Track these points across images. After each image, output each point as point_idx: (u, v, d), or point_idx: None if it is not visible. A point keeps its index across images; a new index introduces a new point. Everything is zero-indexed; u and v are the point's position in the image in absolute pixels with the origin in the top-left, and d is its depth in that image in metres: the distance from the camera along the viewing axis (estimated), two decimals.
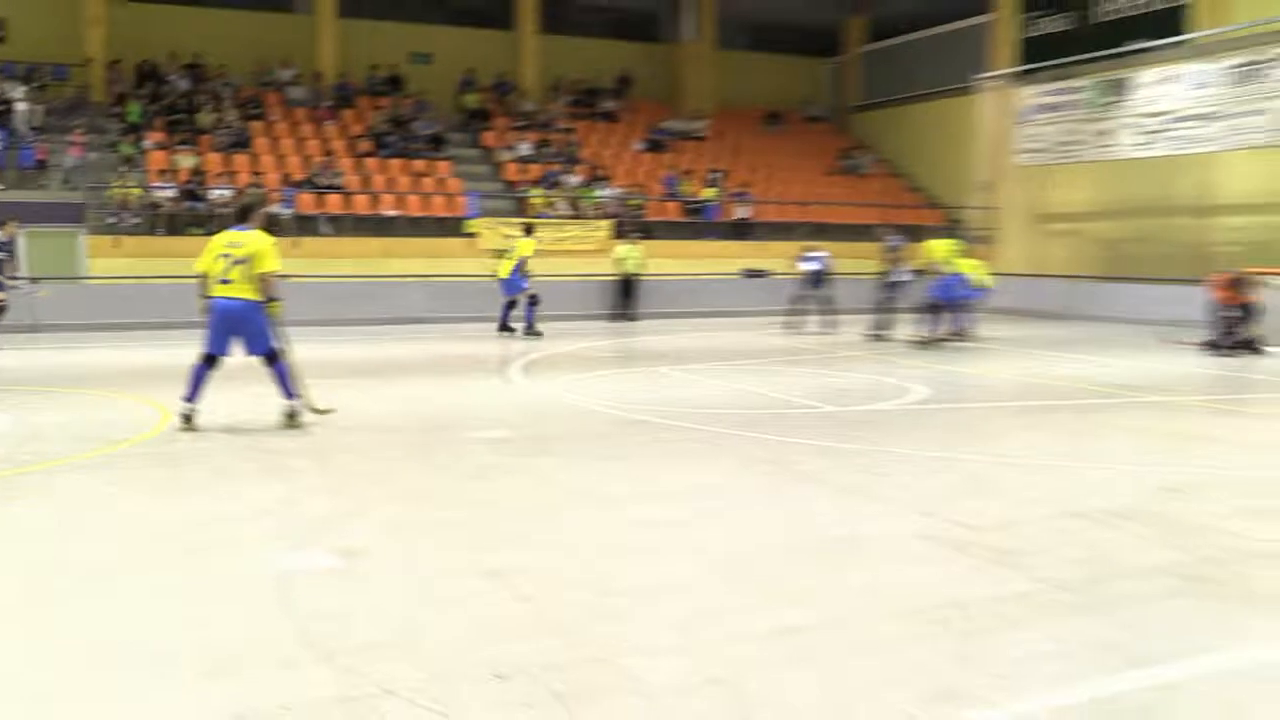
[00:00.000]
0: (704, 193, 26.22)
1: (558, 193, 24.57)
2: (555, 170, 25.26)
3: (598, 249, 22.63)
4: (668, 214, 25.68)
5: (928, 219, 28.00)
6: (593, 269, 21.61)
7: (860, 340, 17.37)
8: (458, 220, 22.82)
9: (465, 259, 22.07)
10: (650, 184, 26.59)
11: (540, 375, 13.32)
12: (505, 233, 21.54)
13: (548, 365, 14.46)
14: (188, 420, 8.96)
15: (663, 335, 18.93)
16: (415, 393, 11.62)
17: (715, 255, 24.45)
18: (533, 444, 8.82)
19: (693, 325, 20.71)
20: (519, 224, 19.99)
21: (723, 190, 26.56)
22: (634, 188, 26.03)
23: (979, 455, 8.37)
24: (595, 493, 7.13)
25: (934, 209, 28.72)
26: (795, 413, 10.50)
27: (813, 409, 10.69)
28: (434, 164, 24.62)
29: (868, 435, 9.23)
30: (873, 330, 17.74)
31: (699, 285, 23.00)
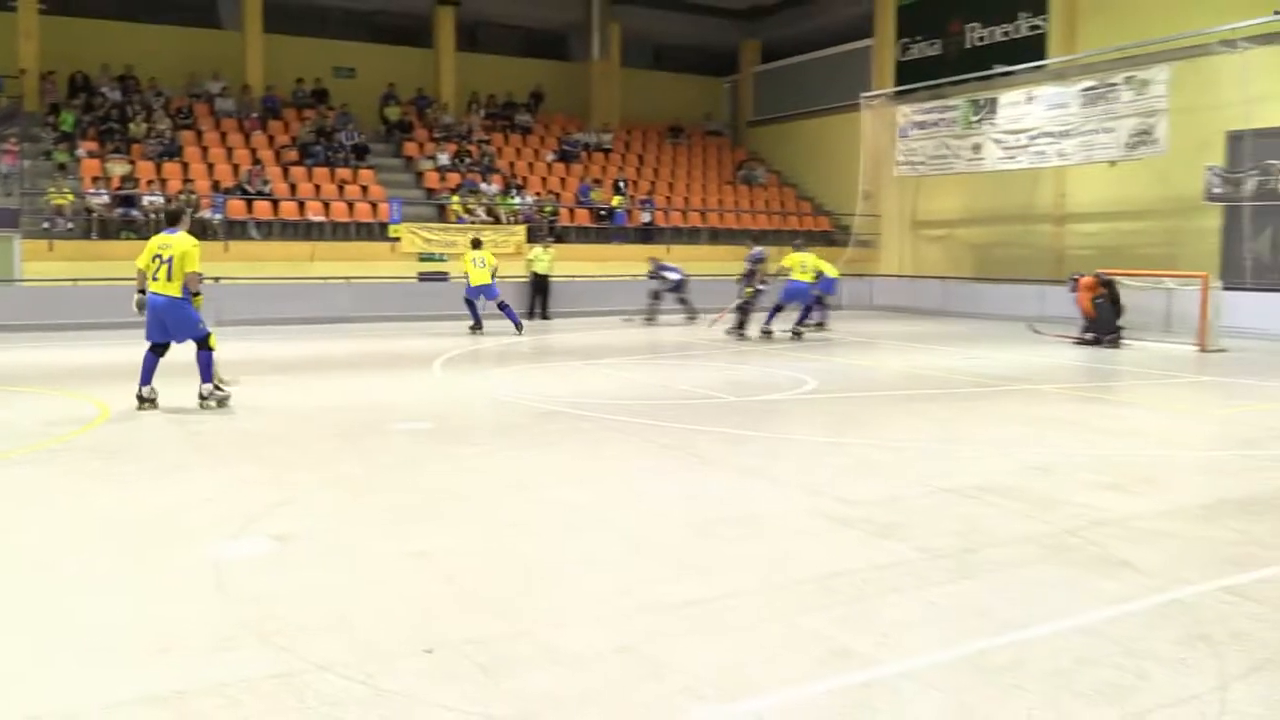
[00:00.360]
0: (612, 200, 26.26)
1: (475, 200, 24.38)
2: (472, 180, 25.04)
3: (514, 252, 22.54)
4: (579, 220, 25.67)
5: (815, 226, 28.55)
6: (510, 271, 21.48)
7: (724, 337, 17.45)
8: (381, 225, 22.53)
9: (388, 262, 21.86)
10: (562, 192, 26.54)
11: (461, 370, 13.23)
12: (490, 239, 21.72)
13: (468, 361, 14.37)
14: (142, 401, 9.52)
15: (575, 333, 18.93)
16: (343, 387, 11.45)
17: (623, 258, 24.51)
18: (455, 434, 8.78)
19: (603, 323, 20.76)
20: (471, 238, 20.21)
21: (628, 198, 26.64)
22: (548, 195, 25.96)
23: (864, 440, 8.55)
24: (514, 478, 7.12)
25: (822, 216, 29.18)
26: (698, 403, 10.58)
27: (715, 399, 10.79)
28: (358, 172, 24.22)
29: (764, 423, 9.37)
30: (735, 328, 17.65)
31: (608, 286, 23.04)
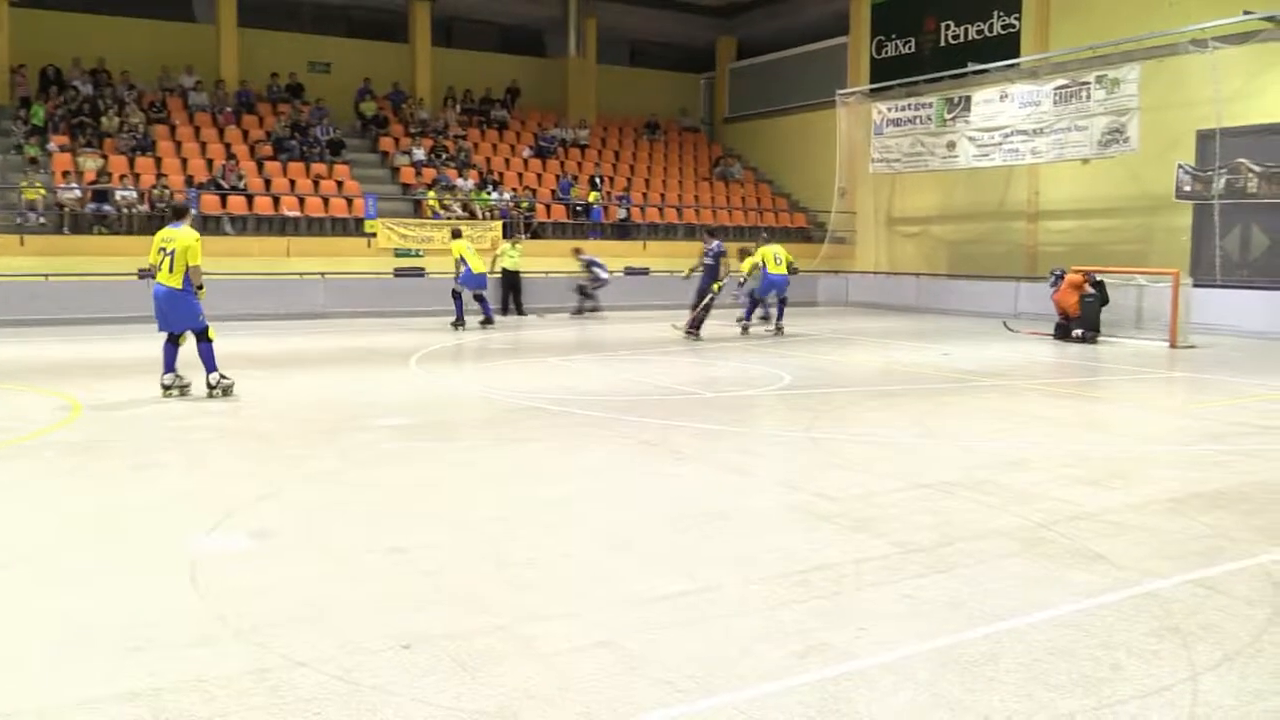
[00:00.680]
0: (588, 197, 26.22)
1: (451, 196, 24.28)
2: (447, 175, 24.93)
3: (490, 248, 22.45)
4: (555, 216, 25.62)
5: (792, 222, 28.64)
6: (488, 267, 21.40)
7: (686, 337, 16.53)
8: (357, 221, 22.42)
9: (364, 258, 21.75)
10: (539, 188, 26.48)
11: (439, 366, 13.18)
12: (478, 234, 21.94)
13: (445, 356, 14.32)
14: (166, 389, 9.87)
15: (552, 329, 18.91)
16: (320, 383, 11.39)
17: (600, 254, 24.48)
18: (433, 430, 8.75)
19: (580, 319, 20.75)
20: (450, 229, 20.42)
21: (604, 194, 26.61)
22: (524, 191, 25.90)
23: (840, 435, 8.59)
24: (492, 474, 7.11)
25: (798, 213, 29.26)
26: (675, 398, 10.60)
27: (692, 395, 10.81)
28: (333, 168, 24.09)
29: (741, 418, 9.39)
30: (693, 328, 16.69)
31: (585, 282, 22.97)
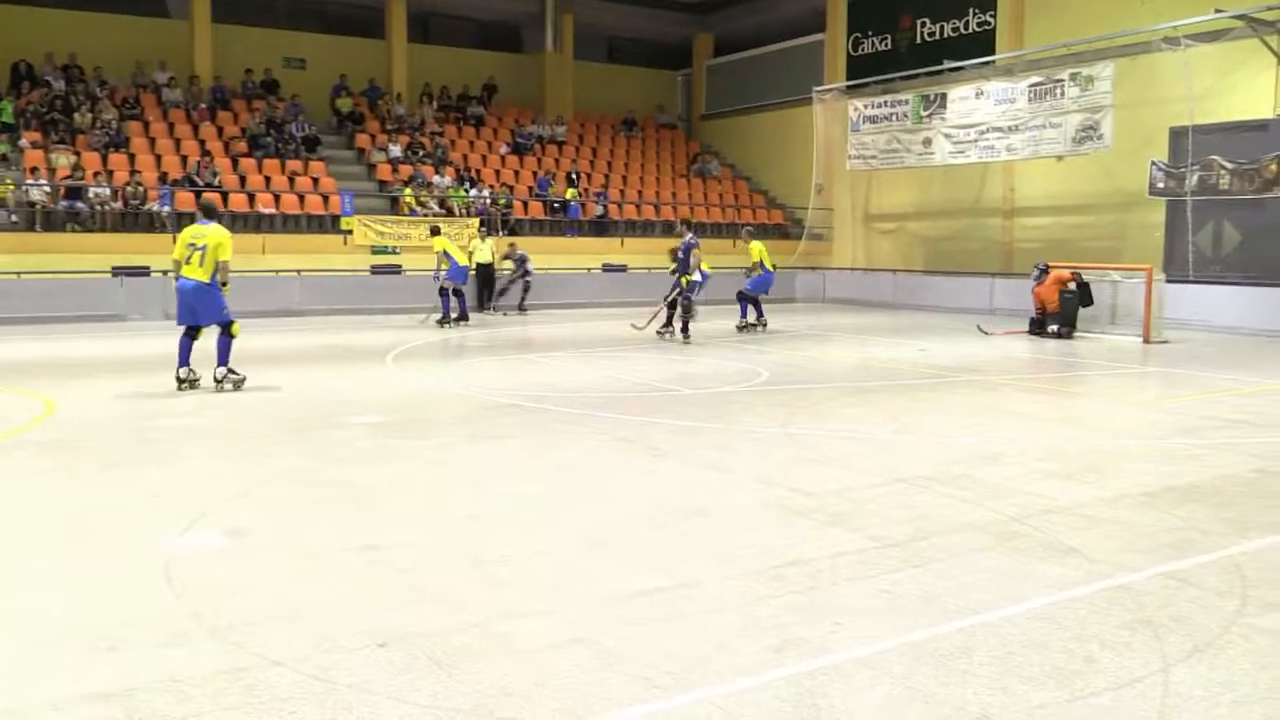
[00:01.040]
0: (566, 193, 26.18)
1: (428, 193, 24.19)
2: (423, 172, 24.83)
3: (465, 245, 22.38)
4: (533, 213, 25.57)
5: (769, 219, 28.68)
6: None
7: (665, 338, 15.73)
8: (333, 218, 22.30)
9: (340, 255, 21.63)
10: (516, 184, 26.42)
11: (415, 363, 13.13)
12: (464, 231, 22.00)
13: (422, 354, 14.27)
14: (180, 382, 10.03)
15: (530, 326, 18.88)
16: (296, 381, 11.31)
17: (577, 251, 24.50)
18: (409, 427, 8.72)
19: (557, 316, 20.71)
20: (429, 225, 20.64)
21: (581, 191, 26.58)
22: (501, 188, 25.83)
23: (816, 431, 8.62)
24: (469, 471, 7.10)
25: (775, 209, 29.31)
26: (653, 395, 10.60)
27: (669, 391, 10.82)
28: (308, 164, 23.95)
29: (718, 414, 9.40)
30: (668, 325, 15.87)
31: (563, 279, 23.00)
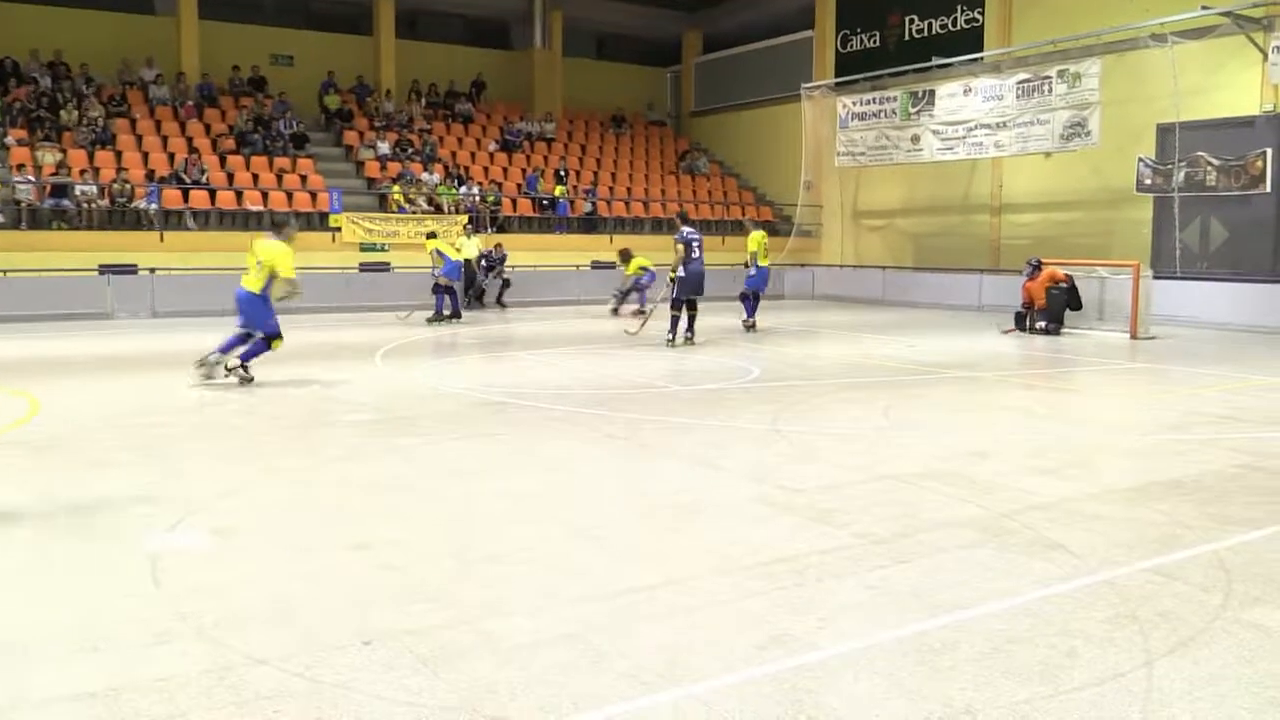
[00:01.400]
0: (554, 190, 26.19)
1: (416, 190, 24.16)
2: (411, 170, 24.80)
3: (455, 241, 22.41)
4: (521, 210, 25.57)
5: (758, 215, 28.67)
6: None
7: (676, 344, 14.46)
8: (321, 215, 22.25)
9: (328, 252, 21.57)
10: (505, 181, 26.41)
11: (404, 361, 13.10)
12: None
13: (411, 351, 14.25)
14: (229, 370, 10.65)
15: (519, 323, 18.86)
16: (285, 379, 11.29)
17: (567, 248, 24.50)
18: (399, 425, 8.70)
19: (546, 313, 20.70)
20: (426, 233, 20.76)
21: (570, 188, 26.58)
22: (490, 185, 25.82)
23: (806, 427, 8.63)
24: (458, 469, 7.09)
25: (764, 206, 29.33)
26: (642, 392, 10.60)
27: (659, 388, 10.82)
28: (296, 162, 23.89)
29: (708, 411, 9.41)
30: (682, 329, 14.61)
31: (552, 276, 23.00)
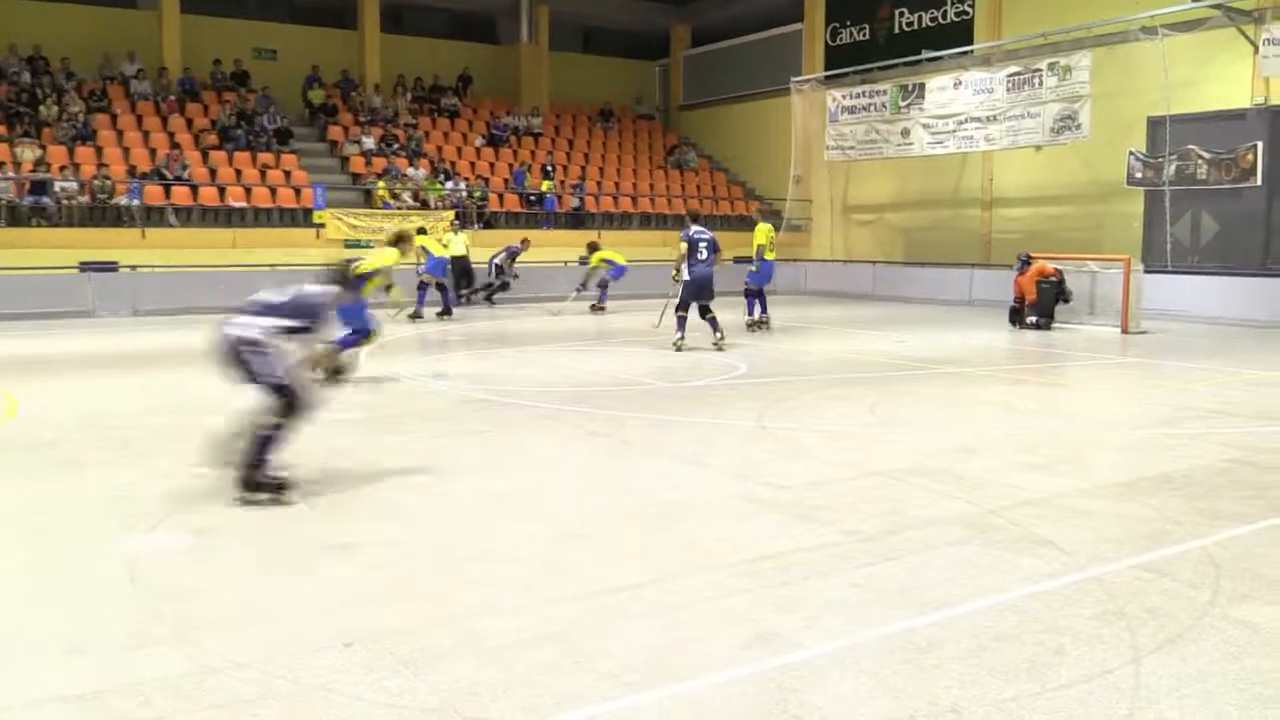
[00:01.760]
0: (541, 185, 26.14)
1: (401, 185, 24.08)
2: (397, 165, 24.72)
3: (441, 238, 22.33)
4: (509, 205, 25.52)
5: (747, 210, 28.64)
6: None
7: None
8: (305, 211, 22.16)
9: (313, 249, 21.45)
10: (491, 176, 26.35)
11: (389, 358, 13.04)
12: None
13: (396, 349, 14.18)
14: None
15: (504, 320, 18.82)
16: None
17: (554, 244, 24.44)
18: (383, 423, 8.66)
19: (533, 310, 20.66)
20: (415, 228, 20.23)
21: (557, 183, 26.54)
22: (476, 180, 25.76)
23: (793, 424, 8.62)
24: (442, 467, 7.06)
25: (753, 200, 29.31)
26: (628, 389, 10.59)
27: (645, 385, 10.81)
28: (280, 157, 23.79)
29: (694, 408, 9.40)
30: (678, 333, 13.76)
31: (539, 272, 22.93)
